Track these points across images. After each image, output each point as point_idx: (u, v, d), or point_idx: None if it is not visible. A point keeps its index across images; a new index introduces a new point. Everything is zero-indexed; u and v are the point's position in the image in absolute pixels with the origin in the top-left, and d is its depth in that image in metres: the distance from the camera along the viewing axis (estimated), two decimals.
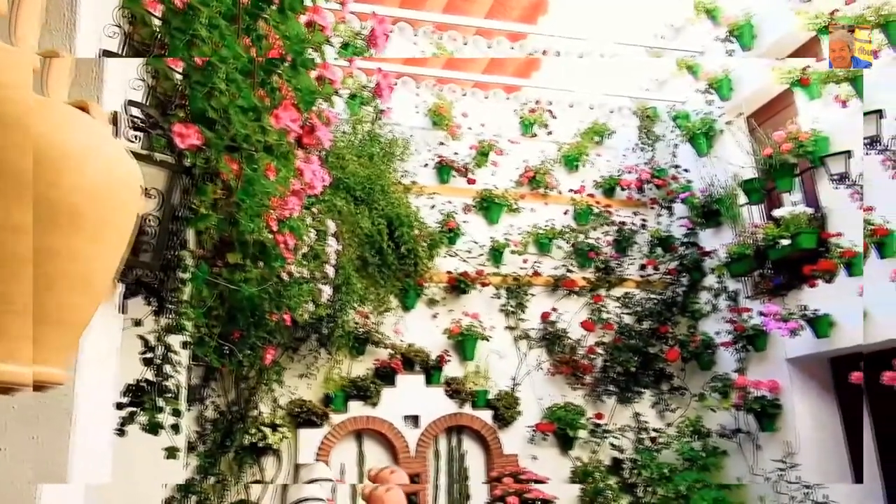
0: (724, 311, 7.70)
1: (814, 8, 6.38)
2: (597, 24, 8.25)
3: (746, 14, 7.43)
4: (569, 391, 7.77)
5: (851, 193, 6.05)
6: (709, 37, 7.93)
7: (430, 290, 7.72)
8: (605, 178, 8.75)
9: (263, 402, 6.63)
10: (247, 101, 1.89)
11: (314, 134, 2.90)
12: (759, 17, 7.40)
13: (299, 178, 3.34)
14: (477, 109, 8.72)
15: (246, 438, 6.31)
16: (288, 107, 1.82)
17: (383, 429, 7.01)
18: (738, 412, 7.12)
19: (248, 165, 2.27)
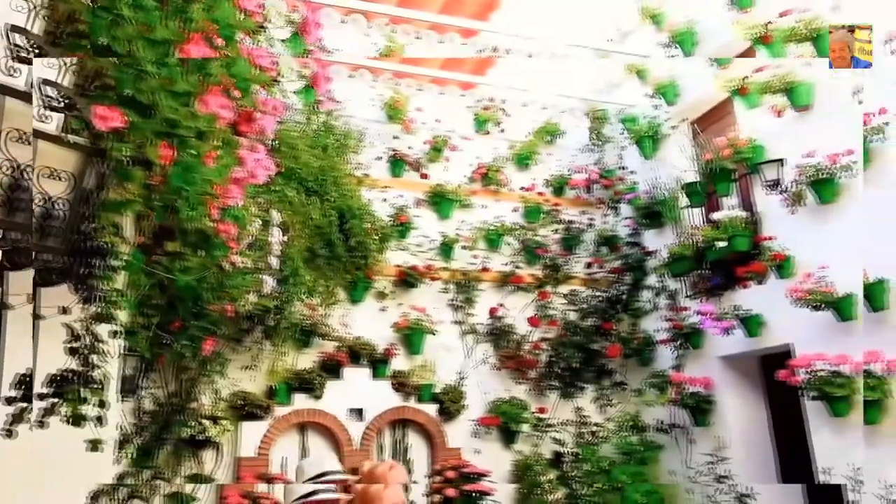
0: (663, 309, 7.96)
1: (751, 19, 6.64)
2: (547, 24, 8.38)
3: (689, 22, 7.66)
4: (513, 386, 7.90)
5: (783, 199, 6.33)
6: (653, 42, 8.15)
7: (379, 283, 7.75)
8: (556, 176, 8.91)
9: (205, 394, 6.57)
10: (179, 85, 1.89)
11: (252, 122, 2.91)
12: (701, 25, 7.64)
13: (242, 166, 3.34)
14: (432, 105, 8.78)
15: (185, 431, 6.23)
16: (217, 92, 1.84)
17: (327, 422, 7.02)
18: (674, 407, 7.37)
19: (183, 151, 2.27)
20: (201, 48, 1.64)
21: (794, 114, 6.51)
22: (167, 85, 1.78)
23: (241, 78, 2.03)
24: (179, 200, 2.76)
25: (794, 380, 5.79)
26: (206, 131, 2.00)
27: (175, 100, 1.83)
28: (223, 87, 1.88)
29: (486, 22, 8.66)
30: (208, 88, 1.81)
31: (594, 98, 9.25)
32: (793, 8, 6.29)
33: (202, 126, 1.93)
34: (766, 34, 6.41)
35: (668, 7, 8.06)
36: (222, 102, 1.82)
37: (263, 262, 4.81)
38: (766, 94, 6.61)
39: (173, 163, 2.34)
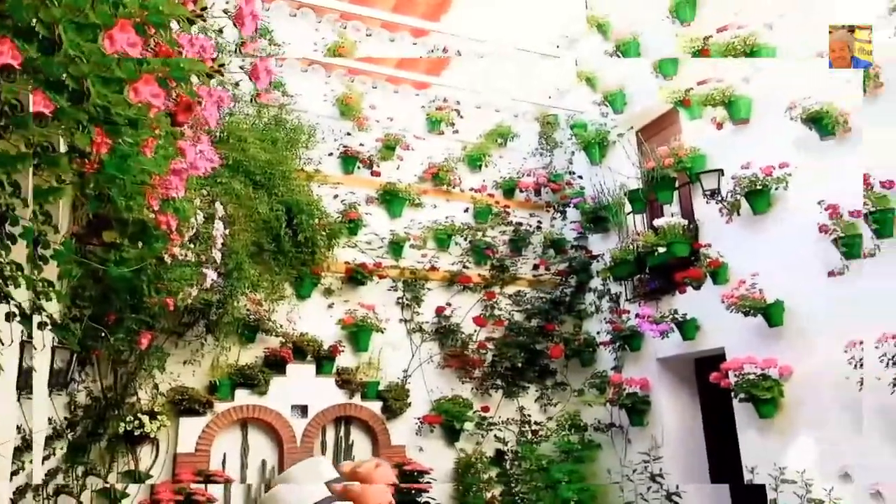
0: (605, 312, 8.17)
1: (692, 31, 6.89)
2: (497, 27, 8.51)
3: (633, 32, 7.87)
4: (458, 384, 7.98)
5: (720, 208, 6.57)
6: (600, 50, 8.34)
7: (326, 279, 7.74)
8: (506, 179, 9.03)
9: (143, 389, 6.46)
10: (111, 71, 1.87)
11: (190, 112, 2.89)
12: (644, 36, 7.86)
13: (182, 157, 3.30)
14: (386, 103, 8.81)
15: (121, 426, 6.12)
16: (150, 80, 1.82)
17: (270, 418, 6.98)
18: (612, 407, 7.56)
19: (115, 138, 2.25)
20: (128, 34, 1.63)
21: (733, 126, 6.76)
22: (97, 71, 1.76)
23: (176, 66, 2.02)
24: (114, 189, 2.73)
25: (725, 382, 6.03)
26: (138, 119, 1.98)
27: (106, 87, 1.82)
28: (156, 75, 1.87)
29: (437, 23, 8.74)
30: (141, 76, 1.79)
31: (545, 103, 9.41)
32: (730, 23, 6.55)
33: (134, 114, 1.91)
34: (704, 48, 6.64)
35: (614, 18, 8.27)
36: (154, 91, 1.81)
37: (206, 256, 4.75)
38: (707, 106, 6.84)
39: (109, 151, 2.31)
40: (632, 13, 8.01)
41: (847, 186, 5.55)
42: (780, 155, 6.17)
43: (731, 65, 6.54)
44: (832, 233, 5.57)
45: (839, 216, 5.55)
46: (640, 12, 7.89)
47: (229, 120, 7.04)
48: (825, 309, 5.64)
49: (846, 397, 5.35)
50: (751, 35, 6.25)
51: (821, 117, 5.82)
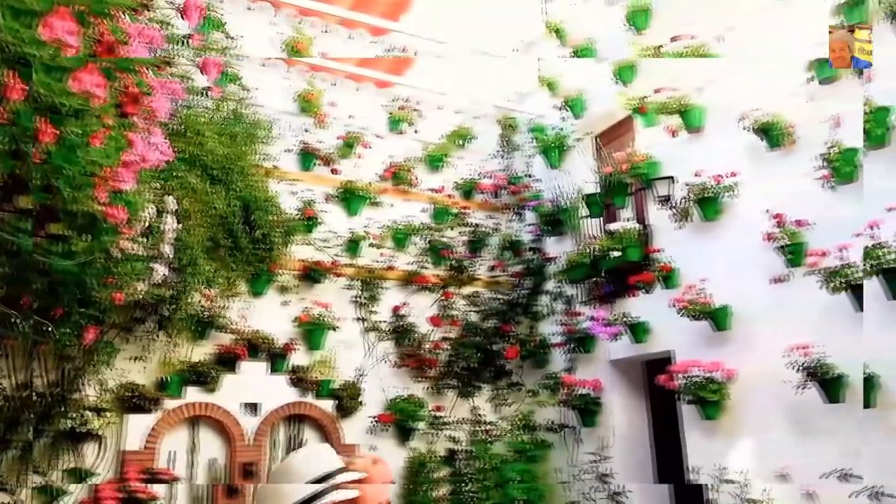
0: (560, 314, 8.28)
1: (646, 40, 7.06)
2: (456, 29, 8.58)
3: (589, 39, 8.01)
4: (412, 384, 8.00)
5: (672, 214, 6.73)
6: (556, 55, 8.48)
7: (282, 276, 7.67)
8: (465, 180, 9.08)
9: (90, 385, 6.31)
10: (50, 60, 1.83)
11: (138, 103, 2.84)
12: (600, 42, 8.01)
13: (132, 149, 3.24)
14: (347, 100, 8.76)
15: (65, 423, 5.96)
16: (93, 70, 1.80)
17: (220, 416, 6.89)
18: (564, 408, 7.67)
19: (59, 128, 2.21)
20: (67, 23, 1.60)
21: (686, 135, 6.93)
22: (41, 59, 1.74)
23: (123, 60, 2.00)
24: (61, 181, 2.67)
25: (673, 384, 6.17)
26: (82, 109, 1.96)
27: (49, 75, 1.79)
28: (100, 64, 1.84)
29: (396, 22, 8.75)
30: (86, 65, 1.77)
31: (506, 106, 9.49)
32: (683, 34, 6.73)
33: (77, 104, 1.89)
34: (658, 54, 6.81)
35: (571, 24, 8.45)
36: (97, 81, 1.78)
37: (157, 250, 4.67)
38: (662, 114, 7.01)
39: (55, 141, 2.27)
40: (588, 20, 8.17)
41: (793, 196, 5.76)
42: (730, 164, 6.36)
43: (686, 72, 6.72)
44: (777, 241, 5.76)
45: (784, 225, 5.74)
46: (596, 19, 8.05)
47: (186, 113, 6.92)
48: (768, 314, 5.83)
49: (786, 400, 5.54)
50: (702, 45, 6.44)
51: (770, 128, 6.02)
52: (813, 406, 5.35)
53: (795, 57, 5.84)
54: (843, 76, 5.56)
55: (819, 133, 5.61)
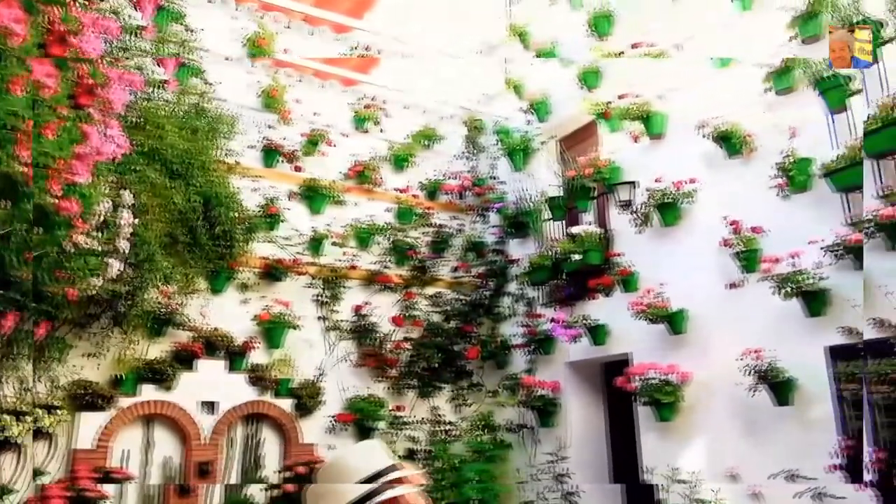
0: (521, 315, 8.34)
1: (608, 46, 7.18)
2: (420, 30, 8.60)
3: (552, 42, 8.11)
4: (373, 383, 7.98)
5: (633, 219, 6.83)
6: (519, 58, 8.55)
7: (242, 274, 7.57)
8: (431, 180, 9.08)
9: (41, 382, 6.15)
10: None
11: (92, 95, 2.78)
12: (563, 47, 8.12)
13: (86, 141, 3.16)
14: (312, 97, 8.69)
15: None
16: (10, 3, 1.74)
17: (176, 414, 6.77)
18: (523, 409, 7.73)
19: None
20: (14, 11, 1.56)
21: (648, 141, 7.05)
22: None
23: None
24: None
25: (630, 386, 6.27)
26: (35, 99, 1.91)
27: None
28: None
29: (360, 20, 8.72)
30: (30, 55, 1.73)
31: (473, 108, 9.52)
32: (643, 41, 6.86)
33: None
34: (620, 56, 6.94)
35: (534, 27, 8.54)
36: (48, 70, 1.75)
37: (112, 245, 4.57)
38: (625, 119, 7.11)
39: None
40: (551, 24, 8.26)
41: (750, 203, 5.90)
42: (690, 170, 6.48)
43: (649, 79, 6.83)
44: (733, 247, 5.90)
45: (741, 231, 5.88)
46: (559, 24, 8.15)
47: (146, 105, 6.80)
48: (723, 318, 5.96)
49: (738, 402, 5.67)
50: (661, 52, 6.56)
51: (729, 136, 6.16)
52: (764, 408, 5.49)
53: (754, 67, 5.99)
54: (800, 87, 5.72)
55: (776, 142, 5.76)
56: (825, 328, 5.21)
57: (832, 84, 5.36)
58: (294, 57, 8.58)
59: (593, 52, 7.20)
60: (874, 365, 4.72)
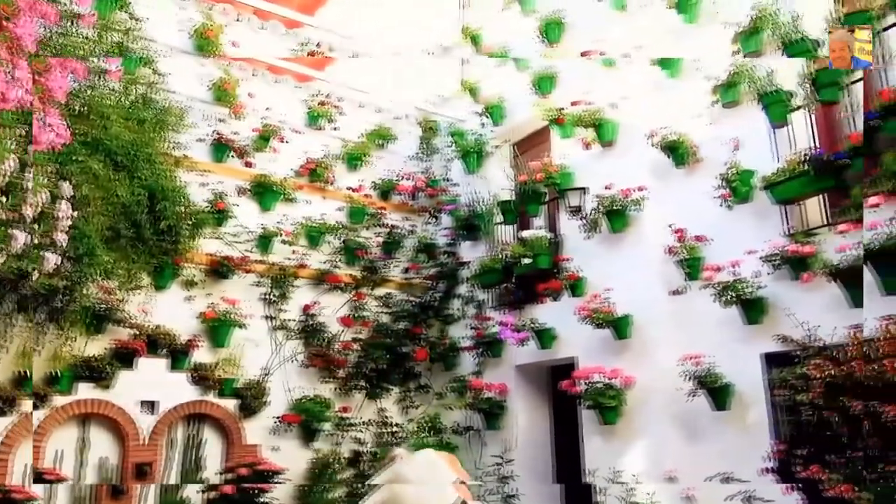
0: (470, 318, 8.36)
1: (558, 52, 7.28)
2: (373, 29, 8.58)
3: (502, 47, 8.19)
4: (320, 384, 7.89)
5: (582, 224, 6.92)
6: (476, 62, 8.60)
7: (188, 270, 7.41)
8: (384, 180, 9.03)
9: None
10: None
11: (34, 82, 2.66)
12: (514, 52, 8.19)
13: None
14: (265, 92, 8.56)
15: None
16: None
17: (114, 413, 6.58)
18: (470, 411, 7.75)
19: None
20: None
21: (599, 148, 7.15)
22: None
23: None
24: None
25: (575, 390, 6.35)
26: None
27: None
28: None
29: (312, 17, 8.64)
30: None
31: (428, 108, 9.51)
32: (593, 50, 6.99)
33: None
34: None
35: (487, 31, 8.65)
36: None
37: (49, 238, 4.40)
38: (578, 126, 7.19)
39: None
40: (504, 29, 8.36)
41: (694, 212, 6.04)
42: (639, 178, 6.60)
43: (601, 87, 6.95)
44: (678, 254, 6.03)
45: (685, 240, 6.01)
46: (511, 29, 8.25)
47: (90, 94, 6.59)
48: (666, 324, 6.09)
49: (677, 407, 5.80)
50: (608, 61, 6.70)
51: (676, 146, 6.30)
52: (702, 412, 5.63)
53: (702, 80, 6.13)
54: (745, 101, 5.87)
55: (721, 154, 5.91)
56: (762, 335, 5.36)
57: (774, 99, 5.53)
58: (248, 51, 8.44)
59: (544, 58, 7.29)
60: (777, 373, 4.98)
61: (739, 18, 5.88)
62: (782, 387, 4.76)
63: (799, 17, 5.52)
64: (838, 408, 4.32)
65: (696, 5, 6.41)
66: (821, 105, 5.34)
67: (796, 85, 5.41)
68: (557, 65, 7.53)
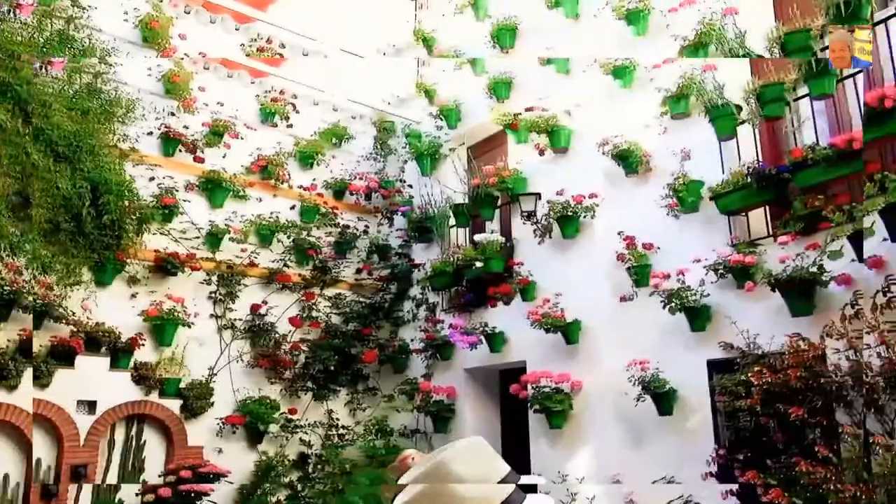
0: (421, 320, 8.34)
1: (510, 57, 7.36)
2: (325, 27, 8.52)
3: (454, 49, 8.24)
4: (267, 385, 7.76)
5: (534, 229, 6.98)
6: (434, 64, 8.62)
7: (132, 266, 7.19)
8: (337, 180, 8.93)
9: None
10: None
11: None
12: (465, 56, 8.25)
13: None
14: (217, 86, 8.39)
15: None
16: None
17: (51, 413, 6.34)
18: (419, 414, 7.73)
19: None
20: None
21: (553, 154, 7.22)
22: None
23: None
24: None
25: (523, 394, 6.39)
26: None
27: None
28: None
29: (264, 12, 8.52)
30: None
31: (384, 109, 9.46)
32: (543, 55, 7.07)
33: None
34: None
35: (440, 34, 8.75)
36: None
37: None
38: (532, 131, 7.25)
39: None
40: (457, 33, 8.42)
41: (643, 220, 6.14)
42: (591, 185, 6.68)
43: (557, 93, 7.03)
44: (627, 261, 6.12)
45: (634, 247, 6.11)
46: (465, 33, 8.31)
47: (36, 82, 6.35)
48: (615, 330, 6.18)
49: (624, 411, 5.89)
50: (563, 66, 6.79)
51: (627, 155, 6.39)
52: (648, 417, 5.72)
53: (654, 90, 6.24)
54: (695, 113, 6.00)
55: (671, 164, 6.02)
56: (707, 342, 5.48)
57: (722, 112, 5.65)
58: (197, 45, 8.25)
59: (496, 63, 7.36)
60: (718, 379, 5.10)
61: (686, 32, 5.99)
62: (724, 393, 4.88)
63: (744, 33, 5.67)
64: (774, 414, 4.46)
65: (646, 18, 6.54)
66: (765, 120, 5.48)
67: (741, 99, 5.55)
68: (514, 70, 7.59)
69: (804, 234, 4.97)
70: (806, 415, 4.27)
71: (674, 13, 6.27)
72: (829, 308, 4.71)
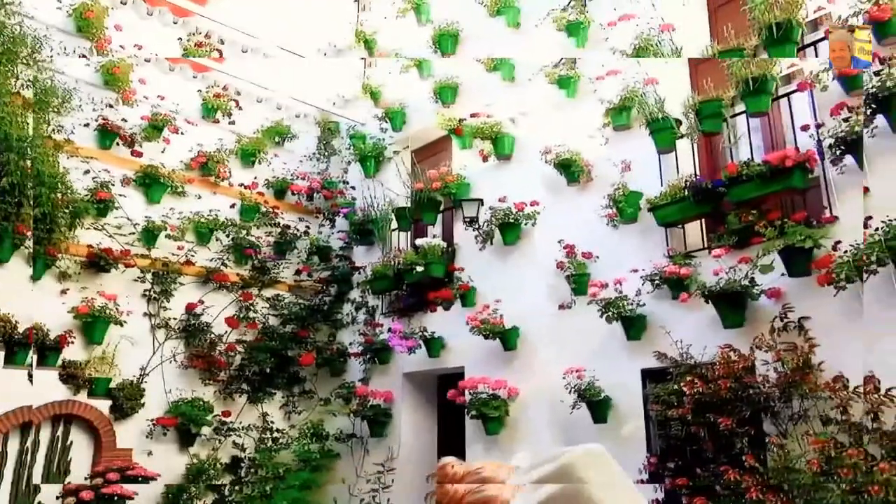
0: (361, 323, 8.30)
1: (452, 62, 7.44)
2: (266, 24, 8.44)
3: (395, 51, 8.28)
4: (200, 386, 7.58)
5: (476, 235, 7.03)
6: (380, 65, 8.62)
7: (63, 262, 6.92)
8: (279, 179, 8.81)
9: None
10: None
11: None
12: (408, 56, 8.29)
13: None
14: (158, 80, 8.18)
15: None
16: None
17: None
18: (355, 418, 7.67)
19: None
20: None
21: (496, 160, 7.29)
22: None
23: None
24: None
25: (461, 399, 6.42)
26: None
27: None
28: None
29: (203, 6, 8.36)
30: None
31: (328, 109, 9.38)
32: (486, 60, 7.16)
33: None
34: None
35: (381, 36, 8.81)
36: None
37: None
38: (476, 137, 7.31)
39: None
40: (398, 36, 8.47)
41: (583, 229, 6.25)
42: (533, 193, 6.76)
43: (501, 100, 7.12)
44: (566, 270, 6.22)
45: (574, 256, 6.21)
46: (405, 37, 8.36)
47: None
48: (553, 337, 6.27)
49: (560, 419, 5.98)
50: (507, 72, 6.90)
51: (569, 164, 6.49)
52: (583, 425, 5.81)
53: (597, 102, 6.36)
54: (636, 126, 6.13)
55: (611, 174, 6.14)
56: (642, 351, 5.61)
57: (662, 126, 5.79)
58: (133, 38, 8.00)
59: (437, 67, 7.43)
60: (652, 388, 5.22)
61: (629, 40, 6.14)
62: (657, 402, 5.00)
63: (680, 49, 5.86)
64: (705, 423, 4.61)
65: (585, 30, 6.68)
66: (703, 135, 5.65)
67: (681, 114, 5.71)
68: (460, 75, 7.65)
69: (737, 248, 5.13)
70: (734, 425, 4.43)
71: (612, 27, 6.41)
72: (758, 320, 4.90)
